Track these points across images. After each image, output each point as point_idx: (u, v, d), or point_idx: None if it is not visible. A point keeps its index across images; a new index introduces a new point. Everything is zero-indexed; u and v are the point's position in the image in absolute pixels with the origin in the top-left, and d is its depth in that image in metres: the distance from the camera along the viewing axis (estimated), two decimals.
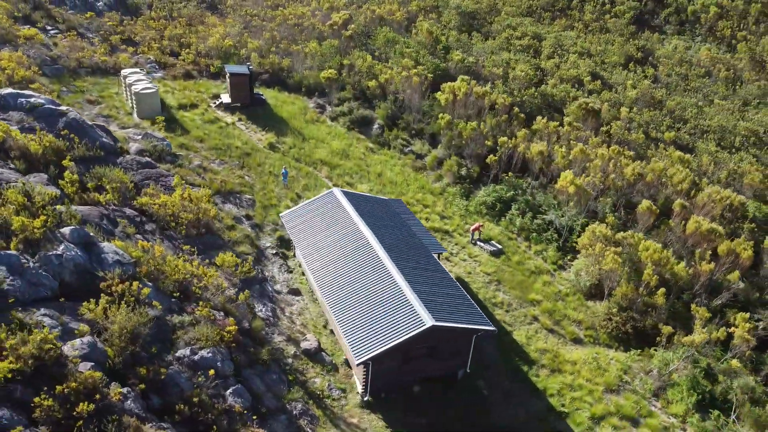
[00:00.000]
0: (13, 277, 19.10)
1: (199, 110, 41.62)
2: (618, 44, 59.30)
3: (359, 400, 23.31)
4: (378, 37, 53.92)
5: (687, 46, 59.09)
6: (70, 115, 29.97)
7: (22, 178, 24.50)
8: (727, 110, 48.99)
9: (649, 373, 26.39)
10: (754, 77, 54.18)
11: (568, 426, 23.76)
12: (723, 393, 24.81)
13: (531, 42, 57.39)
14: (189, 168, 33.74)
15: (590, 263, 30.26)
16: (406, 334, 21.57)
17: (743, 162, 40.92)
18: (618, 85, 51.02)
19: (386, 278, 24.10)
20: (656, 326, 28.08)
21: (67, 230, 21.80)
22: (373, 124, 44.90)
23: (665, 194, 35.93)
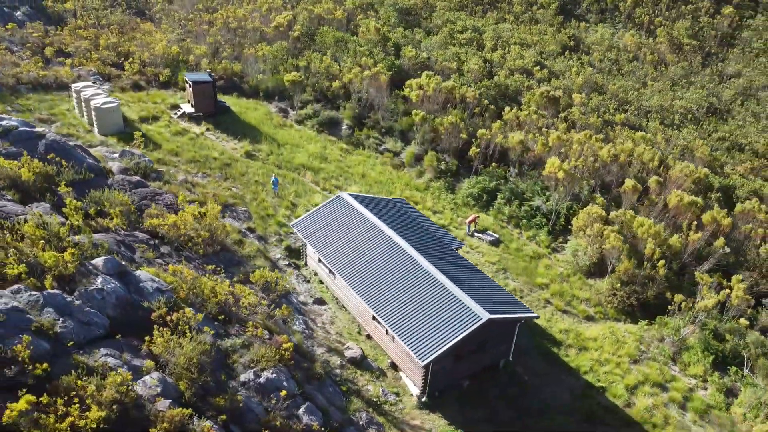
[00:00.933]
0: (63, 318, 17.44)
1: (162, 122, 39.40)
2: (550, 34, 62.27)
3: (416, 402, 23.29)
4: (326, 37, 53.28)
5: (612, 33, 63.12)
6: (49, 137, 27.47)
7: (23, 208, 22.32)
8: (659, 91, 52.94)
9: (662, 341, 28.25)
10: (676, 59, 58.86)
11: (608, 399, 24.99)
12: (732, 350, 27.03)
13: (473, 35, 58.97)
14: (176, 184, 31.93)
15: (589, 243, 31.82)
16: (464, 330, 21.79)
17: (690, 137, 44.48)
18: (562, 73, 53.66)
19: (427, 277, 24.16)
20: (657, 297, 30.10)
21: (100, 261, 20.17)
22: (341, 125, 44.50)
23: (633, 173, 38.35)
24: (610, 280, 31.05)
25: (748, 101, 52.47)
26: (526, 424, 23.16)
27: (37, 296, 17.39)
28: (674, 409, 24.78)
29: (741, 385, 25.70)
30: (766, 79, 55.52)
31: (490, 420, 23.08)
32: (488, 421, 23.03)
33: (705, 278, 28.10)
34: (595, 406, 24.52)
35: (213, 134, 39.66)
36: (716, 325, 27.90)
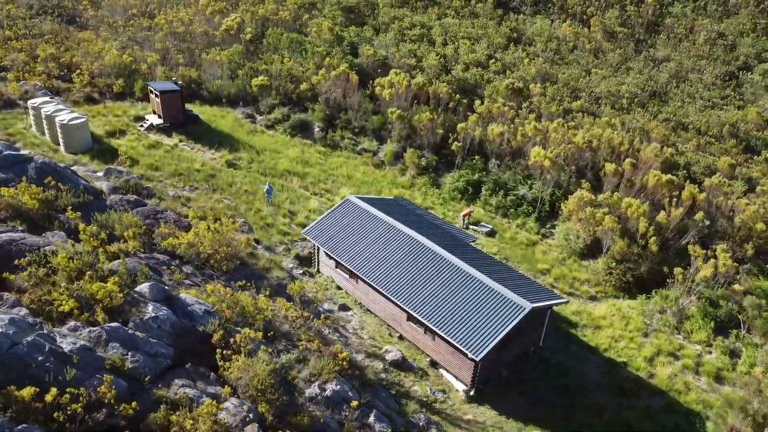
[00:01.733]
0: (130, 352, 16.39)
1: (132, 136, 37.28)
2: (492, 27, 64.09)
3: (463, 397, 23.60)
4: (280, 39, 52.20)
5: (549, 24, 65.84)
6: (38, 160, 25.35)
7: (39, 239, 20.54)
8: (604, 78, 55.91)
9: (663, 313, 30.12)
10: (611, 47, 62.32)
11: (631, 372, 26.38)
12: (728, 315, 29.26)
13: (422, 31, 59.68)
14: (168, 199, 30.37)
15: (582, 226, 33.30)
16: (510, 322, 22.32)
17: (642, 120, 47.36)
18: (513, 65, 55.45)
19: (459, 273, 24.48)
20: (650, 272, 32.03)
21: (146, 288, 19.11)
22: (313, 127, 43.89)
23: (602, 156, 40.40)
24: (606, 260, 32.67)
25: (682, 83, 56.46)
26: (570, 404, 24.05)
27: (98, 332, 16.30)
28: (690, 375, 26.56)
29: (742, 346, 27.90)
30: (693, 62, 59.91)
31: (534, 405, 23.79)
32: (533, 405, 23.74)
33: (698, 250, 30.20)
34: (622, 380, 25.84)
35: (188, 145, 37.96)
36: (710, 293, 30.05)
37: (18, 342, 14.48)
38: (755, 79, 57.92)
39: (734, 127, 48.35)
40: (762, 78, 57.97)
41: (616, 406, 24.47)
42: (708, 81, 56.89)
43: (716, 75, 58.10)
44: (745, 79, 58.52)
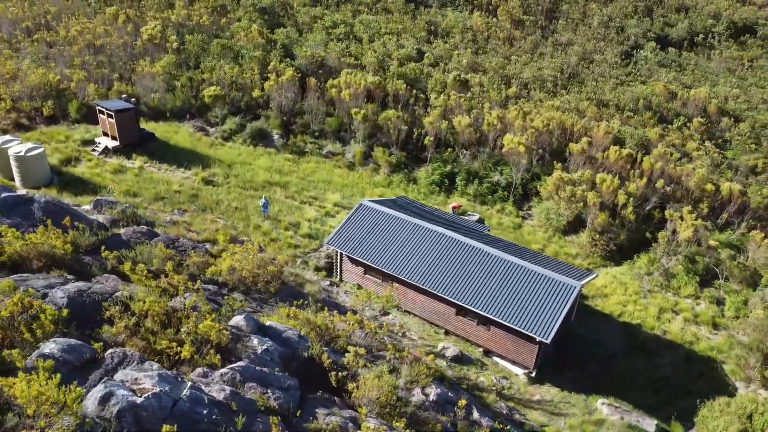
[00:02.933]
0: (268, 389, 15.58)
1: (90, 163, 34.04)
2: (408, 21, 65.48)
3: (525, 380, 24.62)
4: (212, 46, 49.75)
5: (461, 16, 68.49)
6: (39, 199, 22.59)
7: (98, 285, 18.47)
8: (524, 64, 59.35)
9: (650, 275, 33.15)
10: (521, 35, 66.19)
11: (648, 332, 28.89)
12: (705, 269, 32.84)
13: (346, 29, 59.60)
14: (167, 225, 28.23)
15: (566, 204, 35.57)
16: (566, 302, 23.63)
17: (572, 101, 51.06)
18: (444, 57, 57.17)
19: (500, 261, 25.38)
20: (628, 239, 35.05)
21: (241, 320, 18.22)
22: (272, 135, 42.56)
23: (556, 138, 43.20)
24: (589, 233, 35.20)
25: (591, 65, 61.42)
26: (610, 370, 25.93)
27: (230, 374, 15.47)
28: (693, 327, 29.62)
29: (725, 294, 31.53)
30: (593, 45, 65.34)
31: (584, 377, 25.38)
32: (584, 377, 25.32)
33: (674, 215, 33.55)
34: (643, 341, 28.24)
35: (153, 166, 35.31)
36: (686, 251, 33.52)
37: (178, 398, 13.31)
38: (648, 56, 64.43)
39: (647, 101, 53.56)
40: (653, 55, 64.62)
41: (648, 364, 26.77)
42: (611, 61, 62.37)
43: (615, 54, 63.84)
44: (639, 57, 64.89)
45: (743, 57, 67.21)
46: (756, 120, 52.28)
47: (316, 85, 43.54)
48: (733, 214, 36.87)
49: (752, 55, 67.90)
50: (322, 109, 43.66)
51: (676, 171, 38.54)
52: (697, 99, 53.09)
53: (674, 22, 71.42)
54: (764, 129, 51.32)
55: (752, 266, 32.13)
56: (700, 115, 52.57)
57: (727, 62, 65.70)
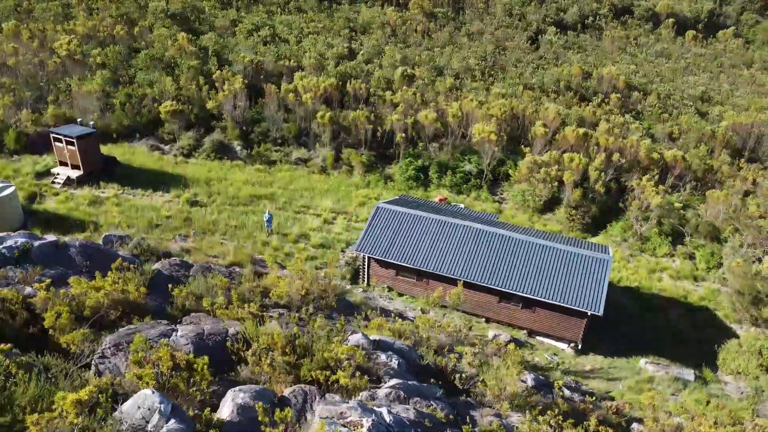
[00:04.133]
0: (425, 401, 15.63)
1: (59, 197, 30.75)
2: (326, 19, 65.07)
3: (572, 353, 26.18)
4: (139, 58, 46.36)
5: (376, 12, 69.09)
6: (74, 243, 20.20)
7: (192, 327, 17.13)
8: (449, 55, 61.37)
9: (626, 240, 36.30)
10: (436, 27, 68.25)
11: (645, 291, 31.73)
12: (671, 228, 36.53)
13: (270, 32, 58.02)
14: (182, 252, 26.37)
15: (544, 185, 37.76)
16: (604, 275, 25.46)
17: (508, 87, 53.81)
18: (375, 54, 57.54)
19: (533, 246, 26.67)
20: (599, 211, 38.06)
21: (360, 338, 17.92)
22: (233, 147, 40.79)
23: (506, 124, 45.45)
24: (566, 209, 37.72)
25: (505, 52, 64.84)
26: (633, 331, 28.29)
27: (394, 392, 15.36)
28: (678, 281, 32.98)
29: (693, 249, 35.35)
30: (502, 33, 69.00)
31: (617, 341, 27.49)
32: (618, 341, 27.42)
33: (641, 183, 36.86)
34: (647, 301, 31.02)
35: (129, 193, 32.60)
36: (652, 214, 37.06)
37: (388, 426, 13.09)
38: (552, 40, 69.22)
39: (567, 81, 57.72)
40: (557, 39, 69.54)
41: (661, 321, 29.53)
42: (523, 47, 66.29)
43: (523, 41, 67.93)
44: (544, 42, 69.54)
45: (629, 36, 74.36)
46: (660, 92, 58.30)
47: (274, 91, 42.21)
48: (676, 178, 41.18)
49: (635, 33, 75.31)
50: (281, 116, 42.48)
51: (623, 144, 42.20)
52: (608, 77, 58.09)
53: (565, 7, 77.17)
54: (668, 99, 57.40)
55: (712, 222, 36.22)
56: (614, 91, 57.63)
57: (616, 41, 72.30)
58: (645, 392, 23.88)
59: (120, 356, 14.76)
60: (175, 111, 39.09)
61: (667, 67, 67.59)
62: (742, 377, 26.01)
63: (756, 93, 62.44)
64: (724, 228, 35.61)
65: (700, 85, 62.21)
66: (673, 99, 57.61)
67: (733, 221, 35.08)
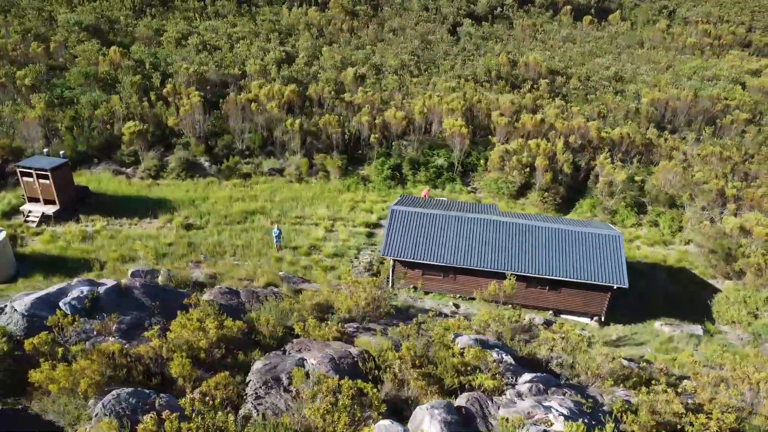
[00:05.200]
0: (567, 391, 16.52)
1: (42, 236, 28.03)
2: (247, 23, 63.36)
3: (597, 326, 28.10)
4: (71, 76, 42.77)
5: (298, 13, 68.06)
6: (132, 285, 18.70)
7: (326, 352, 16.67)
8: (381, 52, 61.97)
9: (596, 216, 39.16)
10: (360, 24, 68.52)
11: (630, 260, 34.46)
12: (633, 200, 39.84)
13: (199, 39, 55.58)
14: (208, 279, 25.13)
15: (517, 173, 39.67)
16: (620, 250, 27.54)
17: (442, 81, 55.44)
18: (313, 56, 56.90)
19: (550, 231, 28.26)
20: (567, 190, 40.72)
21: (467, 339, 18.41)
22: (201, 163, 39.00)
23: (462, 116, 47.03)
24: (539, 193, 39.93)
25: (431, 46, 66.60)
26: (634, 292, 30.81)
27: (534, 385, 16.13)
28: (652, 248, 36.19)
29: (656, 217, 38.86)
30: (423, 27, 70.75)
31: (629, 307, 29.81)
32: (630, 308, 29.74)
33: (603, 161, 39.79)
34: (632, 266, 33.71)
35: (115, 223, 30.30)
36: (614, 188, 40.23)
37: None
38: (471, 32, 72.00)
39: (497, 71, 60.48)
40: (474, 30, 72.41)
41: (654, 286, 32.33)
42: (446, 40, 68.38)
43: (444, 34, 70.08)
44: (463, 33, 72.16)
45: (535, 24, 78.95)
46: (579, 75, 62.71)
47: (237, 101, 40.71)
48: (624, 154, 44.86)
49: (540, 21, 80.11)
50: (246, 127, 41.07)
51: (573, 126, 45.25)
52: (533, 64, 61.58)
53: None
54: (588, 80, 61.92)
55: (667, 191, 39.92)
56: (539, 77, 61.21)
57: (527, 30, 76.55)
58: (670, 352, 26.33)
59: (274, 393, 14.27)
60: (140, 131, 36.61)
61: (576, 51, 72.65)
62: (737, 326, 29.29)
63: (654, 70, 68.87)
64: (678, 195, 39.44)
65: (610, 66, 67.59)
66: (592, 81, 62.18)
67: (687, 188, 38.97)
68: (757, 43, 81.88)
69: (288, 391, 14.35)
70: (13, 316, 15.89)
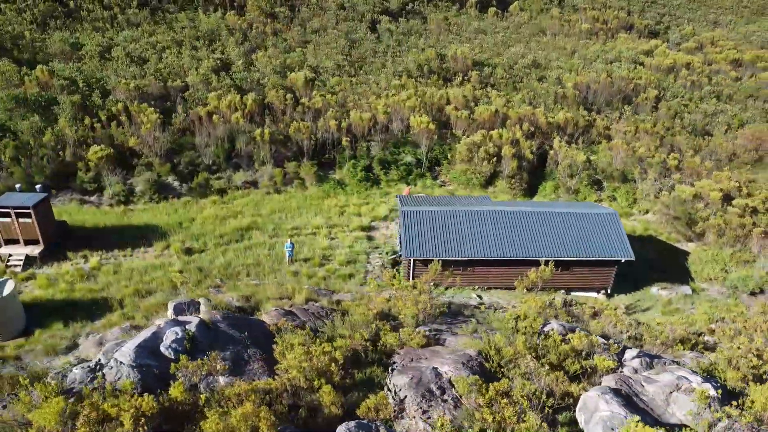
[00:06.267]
0: None
1: (39, 282, 25.37)
2: (164, 32, 60.23)
3: (604, 298, 30.16)
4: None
5: (215, 18, 65.38)
6: (217, 317, 17.53)
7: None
8: (313, 54, 61.26)
9: (559, 197, 41.79)
10: (283, 26, 67.17)
11: None
12: (589, 177, 42.86)
13: (122, 52, 51.98)
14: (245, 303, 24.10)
15: (486, 163, 41.26)
16: (619, 226, 29.76)
17: (381, 78, 56.09)
18: (248, 63, 55.11)
19: (550, 216, 29.89)
20: (529, 174, 43.04)
21: (556, 325, 19.37)
22: (170, 183, 36.88)
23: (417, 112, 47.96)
24: (506, 180, 41.85)
25: (356, 45, 66.87)
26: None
27: (640, 356, 17.33)
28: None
29: (612, 192, 42.12)
30: (345, 26, 70.82)
31: (626, 276, 32.25)
32: (626, 276, 32.19)
33: (561, 145, 42.39)
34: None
35: (109, 257, 28.01)
36: (571, 169, 43.06)
37: None
38: (391, 29, 73.05)
39: (428, 65, 62.02)
40: (395, 27, 73.54)
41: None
42: (370, 38, 68.93)
43: (365, 31, 70.64)
44: (382, 30, 73.06)
45: (447, 18, 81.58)
46: (503, 65, 65.84)
47: (201, 115, 38.75)
48: (569, 137, 48.01)
49: (450, 15, 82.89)
50: (208, 141, 39.27)
51: (521, 113, 47.71)
52: (461, 57, 63.81)
53: None
54: (511, 69, 65.18)
55: (618, 167, 43.33)
56: (467, 69, 63.55)
57: (440, 24, 78.94)
58: (674, 313, 28.97)
59: (435, 405, 14.32)
60: (108, 156, 33.89)
61: (490, 42, 76.05)
62: (714, 282, 32.70)
63: (563, 55, 73.78)
64: (629, 170, 42.97)
65: (526, 54, 71.50)
66: (515, 69, 65.53)
67: (636, 163, 42.58)
68: (638, 26, 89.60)
69: (445, 401, 14.46)
70: (121, 370, 14.56)
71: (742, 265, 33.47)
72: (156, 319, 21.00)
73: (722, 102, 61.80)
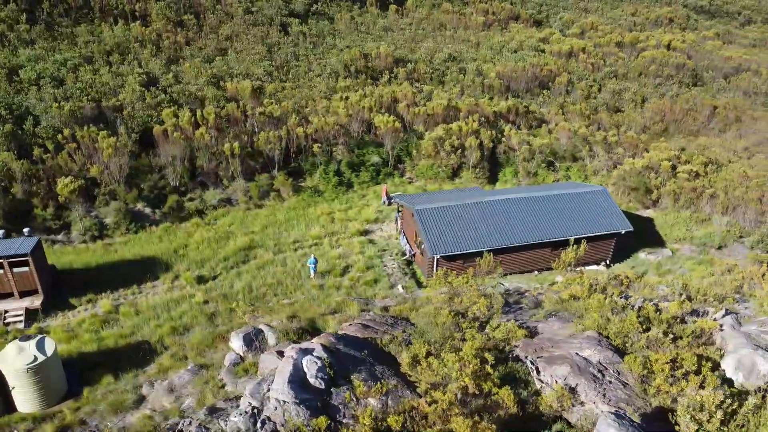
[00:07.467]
0: None
1: (58, 335, 22.33)
2: (68, 47, 55.08)
3: (605, 269, 32.23)
4: None
5: (121, 30, 60.50)
6: (322, 355, 16.56)
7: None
8: (237, 61, 58.78)
9: (519, 182, 43.89)
10: (194, 35, 63.66)
11: None
12: (545, 161, 45.39)
13: (31, 73, 46.73)
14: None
15: (454, 156, 42.20)
16: (611, 201, 31.96)
17: (327, 79, 55.27)
18: (175, 75, 51.73)
19: (548, 198, 31.54)
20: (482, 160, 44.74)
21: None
22: (142, 211, 34.01)
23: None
24: (471, 170, 43.14)
25: (275, 50, 65.17)
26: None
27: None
28: None
29: (566, 171, 44.92)
30: (259, 31, 68.74)
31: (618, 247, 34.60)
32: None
33: (514, 133, 44.38)
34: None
35: (120, 298, 25.33)
36: (526, 154, 45.31)
37: None
38: (303, 31, 71.96)
39: (355, 65, 61.93)
40: (306, 28, 72.55)
41: None
42: (287, 42, 67.47)
43: (278, 35, 69.11)
44: (294, 33, 71.80)
45: (353, 17, 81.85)
46: (423, 60, 67.36)
47: (168, 135, 35.88)
48: (512, 123, 50.40)
49: (354, 14, 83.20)
50: (178, 161, 36.52)
51: (468, 105, 49.32)
52: (384, 55, 64.44)
53: None
54: (431, 63, 66.90)
55: (566, 148, 46.19)
56: (389, 67, 64.28)
57: (348, 24, 79.03)
58: (667, 274, 31.70)
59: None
60: (80, 188, 30.41)
61: (400, 39, 77.43)
62: (683, 242, 36.12)
63: (470, 47, 77.00)
64: (577, 150, 46.02)
65: (440, 49, 73.66)
66: (434, 64, 67.33)
67: (582, 143, 45.70)
68: (524, 16, 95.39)
69: (610, 382, 14.95)
70: (288, 409, 13.43)
71: (701, 225, 37.28)
72: (235, 352, 19.48)
73: (620, 81, 67.78)
